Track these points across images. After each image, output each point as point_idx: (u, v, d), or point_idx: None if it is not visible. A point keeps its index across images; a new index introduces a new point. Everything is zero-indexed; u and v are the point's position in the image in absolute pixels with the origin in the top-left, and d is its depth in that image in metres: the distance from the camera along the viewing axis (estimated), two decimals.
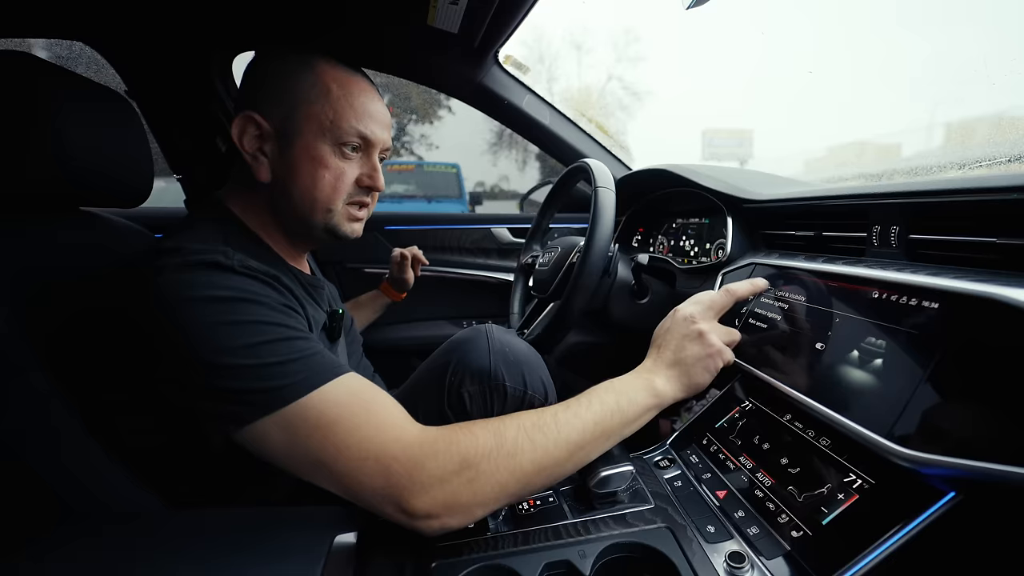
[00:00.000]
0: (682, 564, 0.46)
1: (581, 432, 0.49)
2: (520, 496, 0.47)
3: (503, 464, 0.45)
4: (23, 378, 0.48)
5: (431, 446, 0.44)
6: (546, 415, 0.49)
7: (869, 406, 0.46)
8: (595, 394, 0.52)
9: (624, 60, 13.85)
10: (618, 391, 0.53)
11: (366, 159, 0.60)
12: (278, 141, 0.56)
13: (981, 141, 0.86)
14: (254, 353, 0.43)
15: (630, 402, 0.52)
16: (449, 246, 1.39)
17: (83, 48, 0.97)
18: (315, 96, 0.55)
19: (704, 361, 0.56)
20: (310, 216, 0.58)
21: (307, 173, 0.56)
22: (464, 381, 0.59)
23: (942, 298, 0.45)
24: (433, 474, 0.43)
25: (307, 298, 0.59)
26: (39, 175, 0.53)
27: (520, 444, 0.46)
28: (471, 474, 0.43)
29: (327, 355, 0.47)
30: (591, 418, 0.50)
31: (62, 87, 0.56)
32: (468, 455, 0.44)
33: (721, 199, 0.89)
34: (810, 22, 33.63)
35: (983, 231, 0.48)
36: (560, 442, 0.47)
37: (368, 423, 0.44)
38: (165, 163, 1.13)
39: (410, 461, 0.43)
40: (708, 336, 0.57)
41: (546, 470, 0.47)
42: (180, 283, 0.44)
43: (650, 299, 0.92)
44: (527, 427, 0.47)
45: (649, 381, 0.54)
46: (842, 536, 0.43)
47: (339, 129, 0.56)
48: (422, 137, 9.00)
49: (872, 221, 0.60)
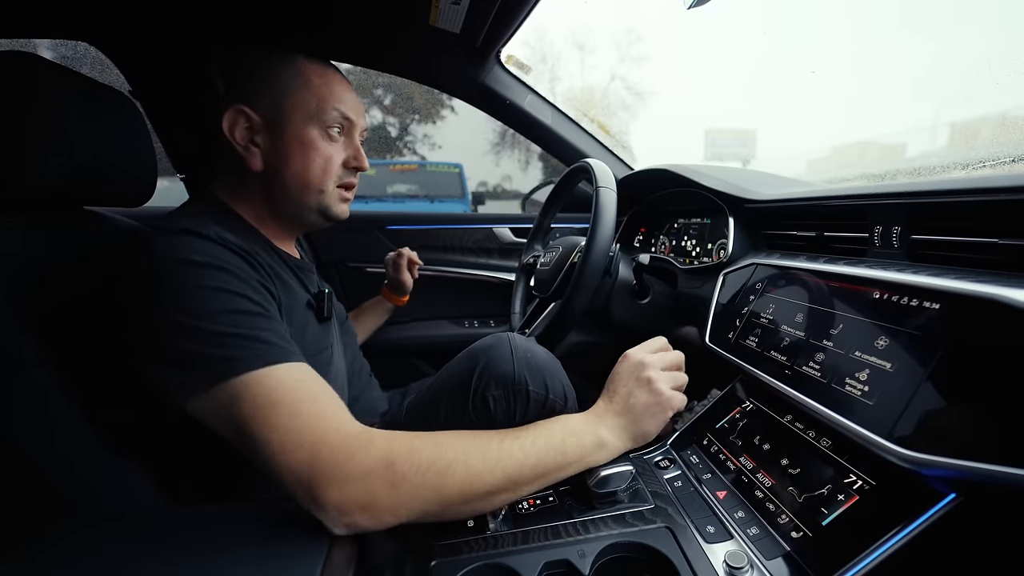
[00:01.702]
0: (681, 564, 0.46)
1: (520, 466, 0.47)
2: (440, 516, 0.46)
3: (431, 480, 0.44)
4: (24, 374, 0.48)
5: (365, 441, 0.44)
6: (492, 441, 0.48)
7: (869, 407, 0.46)
8: (544, 429, 0.51)
9: (627, 60, 13.84)
10: (566, 432, 0.52)
11: (349, 141, 0.64)
12: (269, 131, 0.59)
13: (985, 141, 0.85)
14: (216, 319, 0.44)
15: (577, 445, 0.51)
16: (451, 246, 1.39)
17: (87, 48, 0.97)
18: (299, 86, 0.59)
19: (652, 409, 0.54)
20: (303, 198, 0.62)
21: (299, 158, 0.60)
22: (489, 385, 0.60)
23: (943, 299, 0.44)
24: (357, 468, 0.42)
25: (292, 278, 0.61)
26: (43, 174, 0.54)
27: (454, 465, 0.45)
28: (395, 479, 0.43)
29: (285, 339, 0.48)
30: (534, 454, 0.48)
31: (66, 87, 0.56)
32: (398, 460, 0.43)
33: (723, 199, 0.89)
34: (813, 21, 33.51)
35: (985, 232, 0.47)
36: (496, 472, 0.46)
37: (310, 411, 0.44)
38: (169, 162, 1.14)
39: (341, 451, 0.42)
40: (657, 384, 0.54)
41: (474, 497, 0.46)
42: (160, 246, 0.47)
43: (651, 299, 0.92)
44: (468, 449, 0.46)
45: (596, 429, 0.53)
46: (842, 537, 0.43)
47: (324, 113, 0.60)
48: (425, 137, 9.02)
49: (874, 221, 0.60)
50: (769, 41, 31.96)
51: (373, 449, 0.43)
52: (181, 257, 0.46)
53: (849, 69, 20.22)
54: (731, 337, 0.72)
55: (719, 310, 0.79)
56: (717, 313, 0.79)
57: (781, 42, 29.04)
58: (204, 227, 0.50)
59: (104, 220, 0.67)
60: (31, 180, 0.53)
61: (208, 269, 0.47)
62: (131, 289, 0.47)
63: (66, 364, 0.51)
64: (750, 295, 0.73)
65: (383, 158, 6.46)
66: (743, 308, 0.72)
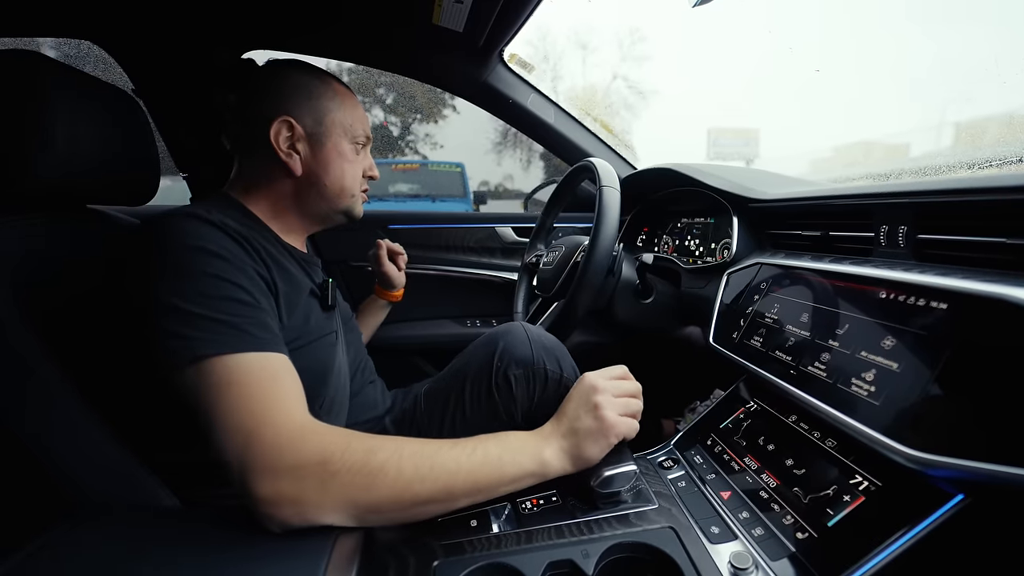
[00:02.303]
0: (685, 565, 0.46)
1: (452, 478, 0.47)
2: (370, 521, 0.45)
3: (361, 480, 0.43)
4: (29, 372, 0.49)
5: (300, 435, 0.44)
6: (428, 449, 0.48)
7: (876, 407, 0.46)
8: (484, 443, 0.51)
9: (629, 59, 13.80)
10: (506, 447, 0.51)
11: (366, 155, 0.74)
12: (309, 141, 0.66)
13: (991, 141, 0.85)
14: (203, 303, 0.47)
15: (514, 463, 0.50)
16: (453, 245, 1.39)
17: (91, 47, 0.97)
18: (337, 106, 0.67)
19: (595, 435, 0.53)
20: (337, 202, 0.70)
21: (338, 167, 0.68)
22: (510, 365, 0.66)
23: (950, 298, 0.44)
24: (289, 462, 0.42)
25: (297, 269, 0.65)
26: (47, 173, 0.54)
27: (387, 468, 0.44)
28: (325, 476, 0.42)
29: (265, 329, 0.50)
30: (469, 467, 0.48)
31: (70, 86, 0.56)
32: (332, 457, 0.43)
33: (727, 198, 0.88)
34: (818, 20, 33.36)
35: (992, 231, 0.47)
36: (428, 481, 0.46)
37: (260, 399, 0.45)
38: (171, 161, 1.14)
39: (274, 442, 0.43)
40: (603, 411, 0.54)
41: (406, 504, 0.45)
42: (165, 227, 0.50)
43: (655, 299, 0.92)
44: (403, 455, 0.46)
45: (539, 448, 0.53)
46: (848, 538, 0.43)
47: (355, 130, 0.69)
48: (426, 136, 9.01)
49: (879, 221, 0.59)
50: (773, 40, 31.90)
51: (308, 444, 0.43)
52: (183, 242, 0.49)
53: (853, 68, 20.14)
54: (735, 337, 0.71)
55: (723, 310, 0.79)
56: (721, 313, 0.79)
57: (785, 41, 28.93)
58: (208, 213, 0.53)
59: (107, 218, 0.67)
60: (34, 178, 0.53)
61: (204, 255, 0.49)
62: (134, 269, 0.50)
63: (71, 361, 0.52)
64: (754, 295, 0.72)
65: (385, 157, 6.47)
66: (747, 308, 0.72)
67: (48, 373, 0.49)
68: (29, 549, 0.39)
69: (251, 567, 0.39)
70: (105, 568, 0.39)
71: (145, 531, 0.43)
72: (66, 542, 0.41)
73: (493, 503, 0.57)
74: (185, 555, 0.40)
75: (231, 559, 0.39)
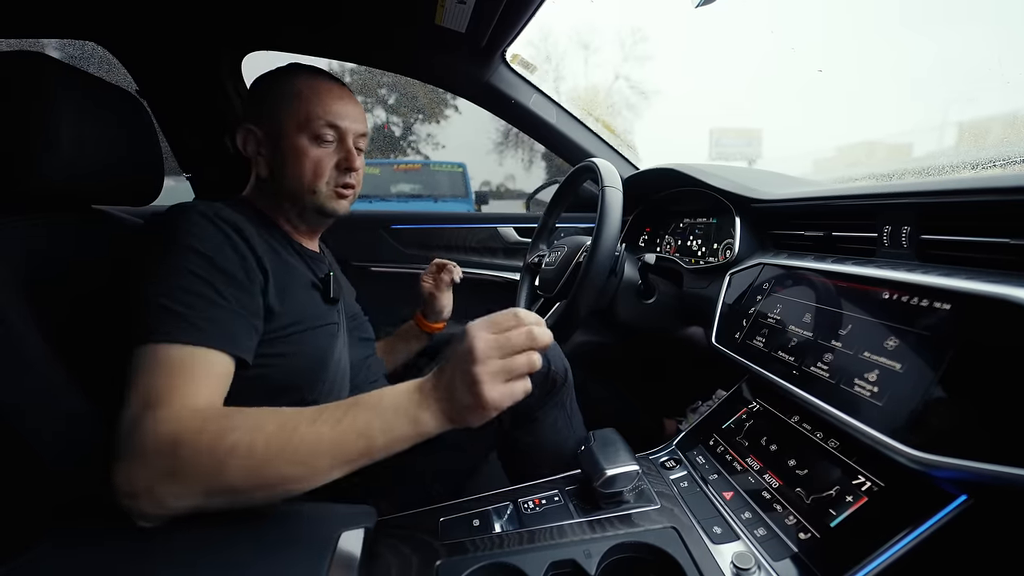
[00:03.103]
0: (688, 565, 0.46)
1: (313, 451, 0.43)
2: (234, 503, 0.43)
3: (210, 464, 0.41)
4: (33, 371, 0.49)
5: (154, 424, 0.42)
6: (289, 423, 0.44)
7: (879, 407, 0.46)
8: (353, 410, 0.46)
9: (631, 59, 13.77)
10: (378, 413, 0.46)
11: (341, 146, 0.69)
12: (269, 143, 0.67)
13: (995, 141, 0.85)
14: (172, 296, 0.49)
15: (386, 430, 0.46)
16: (455, 245, 1.39)
17: (95, 48, 0.98)
18: (289, 100, 0.66)
19: (473, 410, 0.46)
20: (300, 198, 0.68)
21: (292, 163, 0.66)
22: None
23: (954, 299, 0.44)
24: (140, 447, 0.41)
25: (299, 263, 0.68)
26: (51, 173, 0.54)
27: (238, 448, 0.41)
28: (174, 463, 0.41)
29: (221, 326, 0.50)
30: (332, 439, 0.44)
31: (74, 87, 0.56)
32: (182, 443, 0.41)
33: (729, 199, 0.88)
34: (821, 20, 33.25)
35: (995, 232, 0.47)
36: (285, 458, 0.43)
37: (160, 388, 0.45)
38: (175, 162, 1.14)
39: (131, 424, 0.42)
40: (480, 387, 0.45)
41: (264, 484, 0.43)
42: (161, 221, 0.54)
43: (657, 299, 0.92)
44: (255, 429, 0.43)
45: (416, 412, 0.47)
46: (850, 539, 0.43)
47: (312, 123, 0.66)
48: (428, 136, 9.01)
49: (882, 221, 0.59)
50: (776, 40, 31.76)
51: (160, 429, 0.42)
52: (172, 236, 0.52)
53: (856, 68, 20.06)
54: (737, 337, 0.71)
55: (725, 310, 0.79)
56: (723, 313, 0.79)
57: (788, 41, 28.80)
58: (205, 205, 0.56)
59: (111, 219, 0.67)
60: (38, 179, 0.53)
61: (187, 251, 0.52)
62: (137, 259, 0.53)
63: (76, 360, 0.52)
64: (757, 295, 0.72)
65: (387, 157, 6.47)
66: (750, 308, 0.72)
67: (53, 372, 0.50)
68: (31, 548, 0.39)
69: (255, 568, 0.39)
70: (105, 568, 0.39)
71: (146, 530, 0.44)
72: (68, 541, 0.41)
73: (495, 503, 0.57)
74: (187, 555, 0.40)
75: (234, 558, 0.40)
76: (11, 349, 0.48)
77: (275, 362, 0.58)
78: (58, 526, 0.43)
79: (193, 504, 0.42)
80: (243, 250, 0.55)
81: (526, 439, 0.68)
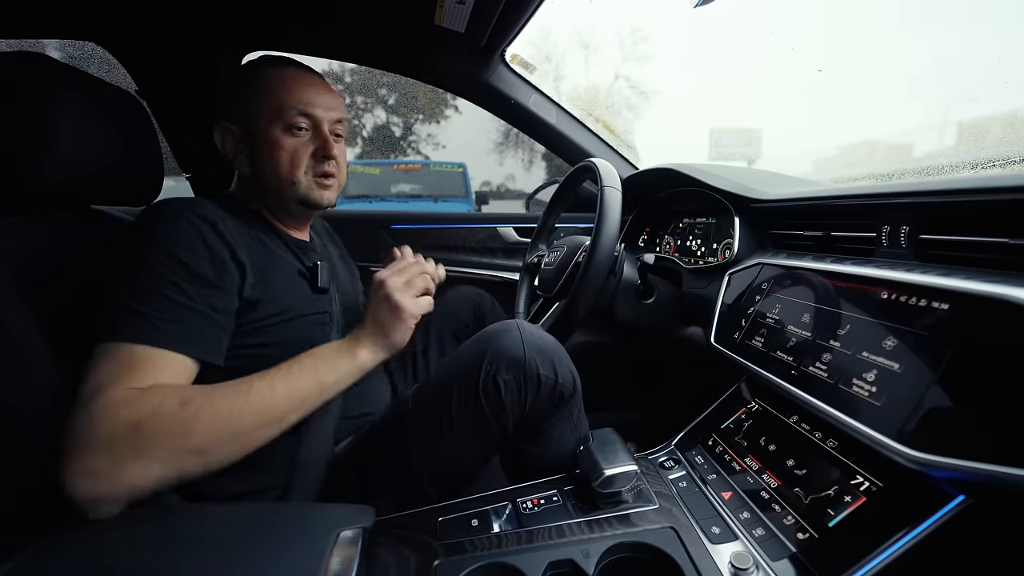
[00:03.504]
0: (686, 565, 0.46)
1: (270, 399, 0.51)
2: (199, 465, 0.47)
3: (178, 430, 0.45)
4: (36, 372, 0.49)
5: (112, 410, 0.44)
6: (241, 385, 0.51)
7: (877, 407, 0.45)
8: (297, 361, 0.55)
9: (631, 59, 13.76)
10: (320, 357, 0.57)
11: (316, 134, 0.68)
12: (246, 139, 0.67)
13: (994, 140, 0.85)
14: (137, 297, 0.50)
15: (331, 368, 0.57)
16: (455, 245, 1.39)
17: (95, 48, 0.98)
18: (261, 94, 0.65)
19: (393, 322, 0.61)
20: (281, 190, 0.68)
21: (268, 156, 0.66)
22: (500, 370, 0.61)
23: (953, 299, 0.44)
24: (102, 435, 0.43)
25: (285, 251, 0.69)
26: (51, 174, 0.54)
27: (201, 414, 0.46)
28: (138, 442, 0.43)
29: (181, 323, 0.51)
30: (285, 386, 0.52)
31: (74, 87, 0.56)
32: (143, 422, 0.44)
33: (728, 199, 0.88)
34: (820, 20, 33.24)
35: (995, 232, 0.47)
36: (246, 411, 0.49)
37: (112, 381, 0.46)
38: (175, 162, 1.14)
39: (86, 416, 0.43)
40: (393, 298, 0.61)
41: (227, 438, 0.48)
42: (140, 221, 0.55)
43: (656, 299, 0.92)
44: (216, 396, 0.49)
45: (351, 349, 0.60)
46: (848, 539, 0.43)
47: (283, 112, 0.65)
48: (428, 137, 9.02)
49: (881, 221, 0.59)
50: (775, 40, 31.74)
51: (120, 415, 0.44)
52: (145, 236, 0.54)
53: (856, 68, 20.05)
54: (736, 337, 0.71)
55: (724, 310, 0.79)
56: (722, 313, 0.79)
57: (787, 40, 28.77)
58: (183, 202, 0.57)
59: (110, 219, 0.67)
60: (38, 179, 0.54)
61: (159, 252, 0.53)
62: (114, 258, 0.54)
63: (77, 360, 0.52)
64: (756, 295, 0.72)
65: (387, 157, 6.48)
66: (749, 308, 0.71)
67: (54, 372, 0.50)
68: (32, 548, 0.39)
69: (252, 568, 0.39)
70: (105, 567, 0.39)
71: (145, 530, 0.44)
72: (68, 540, 0.41)
73: (493, 503, 0.57)
74: (184, 555, 0.40)
75: (231, 558, 0.40)
76: (11, 350, 0.48)
77: (259, 352, 0.59)
78: (58, 525, 0.43)
79: (158, 475, 0.45)
80: (216, 246, 0.56)
81: (532, 451, 0.66)
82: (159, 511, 0.51)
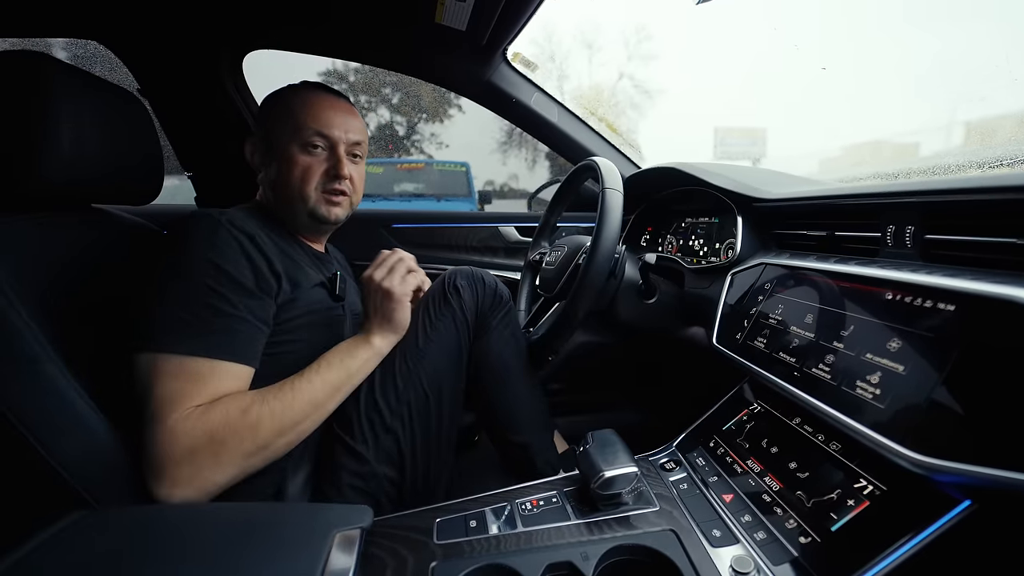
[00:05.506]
0: (686, 568, 0.45)
1: (312, 391, 0.60)
2: (263, 457, 0.55)
3: (247, 435, 0.53)
4: (36, 369, 0.49)
5: (189, 425, 0.51)
6: (285, 385, 0.59)
7: (881, 410, 0.45)
8: (324, 358, 0.64)
9: (635, 58, 13.74)
10: (342, 352, 0.66)
11: (332, 154, 0.73)
12: (268, 154, 0.73)
13: (1003, 140, 0.83)
14: (188, 308, 0.54)
15: (353, 356, 0.66)
16: (457, 244, 1.39)
17: (97, 47, 0.98)
18: (284, 114, 0.72)
19: (393, 306, 0.69)
20: (292, 203, 0.73)
21: (284, 171, 0.72)
22: (457, 277, 0.78)
23: (959, 300, 0.43)
24: (182, 449, 0.50)
25: (309, 264, 0.74)
26: (52, 173, 0.54)
27: (262, 417, 0.54)
28: (216, 449, 0.51)
29: (230, 335, 0.56)
30: (320, 379, 0.61)
31: (75, 86, 0.56)
32: (217, 432, 0.51)
33: (731, 198, 0.88)
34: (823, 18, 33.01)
35: (1002, 232, 0.46)
36: (295, 406, 0.58)
37: (182, 394, 0.52)
38: (176, 161, 1.14)
39: (169, 432, 0.50)
40: (384, 285, 0.69)
41: (285, 430, 0.57)
42: (181, 227, 0.59)
43: (658, 299, 0.91)
44: (268, 399, 0.56)
45: (366, 338, 0.68)
46: (851, 544, 0.42)
47: (300, 132, 0.71)
48: (432, 136, 9.03)
49: (886, 221, 0.58)
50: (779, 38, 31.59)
51: (196, 429, 0.51)
52: (190, 246, 0.57)
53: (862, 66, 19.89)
54: (739, 338, 0.71)
55: (727, 310, 0.78)
56: (725, 314, 0.78)
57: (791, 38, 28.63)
58: (221, 213, 0.61)
59: (111, 217, 0.67)
60: (39, 178, 0.54)
61: (204, 263, 0.56)
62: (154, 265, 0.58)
63: (77, 359, 0.52)
64: (759, 295, 0.72)
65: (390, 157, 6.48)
66: (751, 309, 0.71)
67: (54, 371, 0.50)
68: (30, 546, 0.39)
69: (249, 566, 0.39)
70: (105, 567, 0.39)
71: (144, 530, 0.44)
72: (67, 540, 0.41)
73: (491, 504, 0.57)
74: (182, 555, 0.40)
75: (229, 559, 0.39)
76: (12, 350, 0.48)
77: (287, 349, 0.64)
78: (57, 525, 0.43)
79: (235, 475, 0.54)
80: (256, 258, 0.60)
81: (482, 348, 0.78)
82: (157, 511, 0.51)
